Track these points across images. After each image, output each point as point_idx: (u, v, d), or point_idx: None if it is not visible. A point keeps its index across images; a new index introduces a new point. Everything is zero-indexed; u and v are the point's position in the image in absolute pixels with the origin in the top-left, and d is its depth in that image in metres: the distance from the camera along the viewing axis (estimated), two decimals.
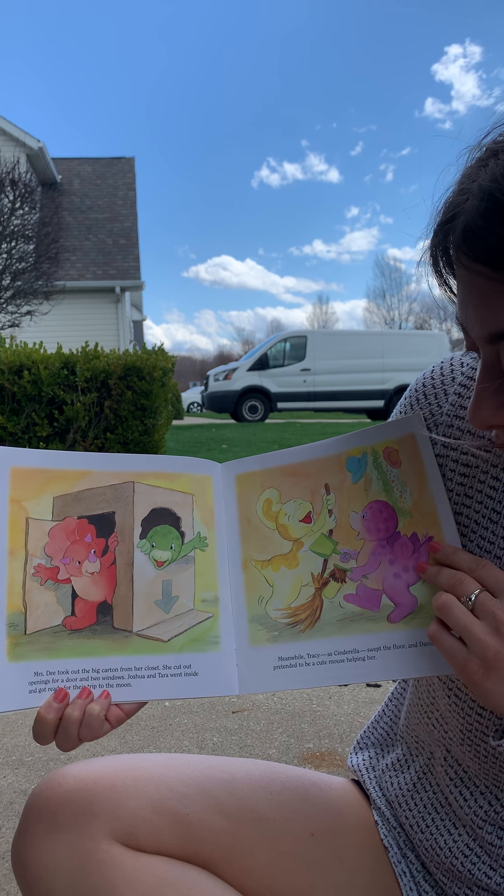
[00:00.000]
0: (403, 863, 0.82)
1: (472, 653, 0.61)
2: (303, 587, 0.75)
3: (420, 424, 0.75)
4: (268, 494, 0.79)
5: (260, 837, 0.77)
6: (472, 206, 0.54)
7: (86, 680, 0.71)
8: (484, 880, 0.74)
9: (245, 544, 0.78)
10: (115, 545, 0.76)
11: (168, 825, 0.74)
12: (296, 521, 0.77)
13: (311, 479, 0.78)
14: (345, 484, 0.77)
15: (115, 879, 0.70)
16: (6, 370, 5.76)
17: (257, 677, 0.73)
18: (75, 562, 0.74)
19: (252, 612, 0.75)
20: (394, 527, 0.74)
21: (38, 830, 0.72)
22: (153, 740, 1.89)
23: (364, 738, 0.95)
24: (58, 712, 0.69)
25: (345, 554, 0.75)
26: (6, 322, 12.38)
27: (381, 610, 0.72)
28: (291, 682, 0.72)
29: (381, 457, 0.76)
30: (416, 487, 0.74)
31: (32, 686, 0.70)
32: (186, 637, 0.74)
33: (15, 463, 0.75)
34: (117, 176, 20.30)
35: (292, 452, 0.80)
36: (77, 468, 0.77)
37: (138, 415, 6.11)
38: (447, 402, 0.77)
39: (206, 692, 0.73)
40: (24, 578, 0.72)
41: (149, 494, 0.77)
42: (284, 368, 14.72)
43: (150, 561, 0.76)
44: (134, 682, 0.72)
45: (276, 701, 2.12)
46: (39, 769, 1.76)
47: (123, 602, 0.74)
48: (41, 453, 0.77)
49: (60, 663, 0.71)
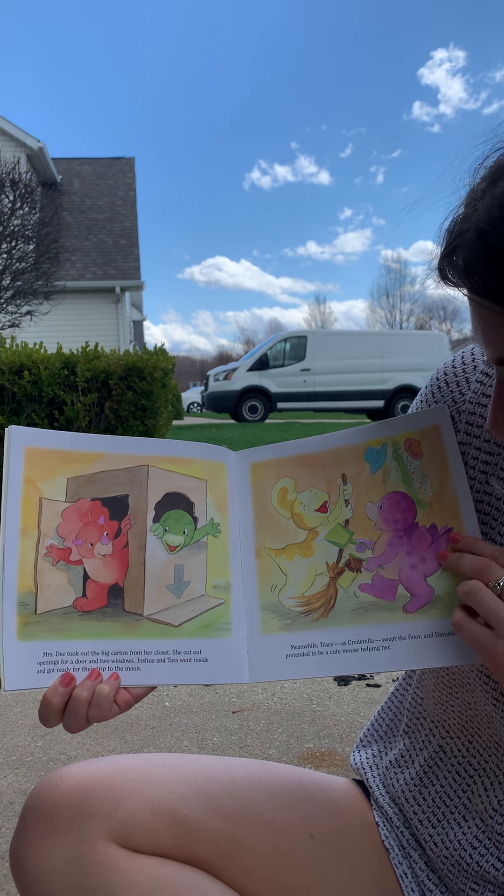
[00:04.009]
0: (405, 863, 0.82)
1: (499, 637, 0.62)
2: (317, 576, 0.75)
3: (445, 416, 0.76)
4: (283, 483, 0.79)
5: (259, 838, 0.77)
6: (470, 242, 0.55)
7: (95, 662, 0.71)
8: (492, 872, 0.74)
9: (259, 532, 0.78)
10: (127, 528, 0.75)
11: (166, 826, 0.74)
12: (311, 510, 0.77)
13: (328, 469, 0.78)
14: (362, 474, 0.77)
15: (112, 881, 0.69)
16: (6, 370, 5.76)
17: (268, 665, 0.73)
18: (88, 543, 0.74)
19: (264, 600, 0.75)
20: (412, 518, 0.74)
21: (35, 832, 0.72)
22: (153, 740, 1.89)
23: (367, 735, 0.95)
24: (63, 696, 0.68)
25: (361, 544, 0.75)
26: (6, 322, 12.38)
27: (396, 600, 0.72)
28: (304, 670, 0.72)
29: (401, 448, 0.76)
30: (437, 479, 0.74)
31: (41, 666, 0.69)
32: (197, 623, 0.74)
33: (30, 443, 0.75)
34: (117, 176, 20.31)
35: (309, 442, 0.79)
36: (92, 450, 0.76)
37: (139, 415, 6.11)
38: (469, 390, 0.77)
39: (215, 679, 0.73)
40: (36, 558, 0.72)
41: (163, 479, 0.77)
42: (284, 368, 14.72)
43: (163, 545, 0.76)
44: (143, 665, 0.71)
45: (276, 701, 2.11)
46: (39, 769, 1.75)
47: (135, 585, 0.74)
48: (57, 434, 0.77)
49: (70, 644, 0.71)
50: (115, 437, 0.78)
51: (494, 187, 0.55)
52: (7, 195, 11.72)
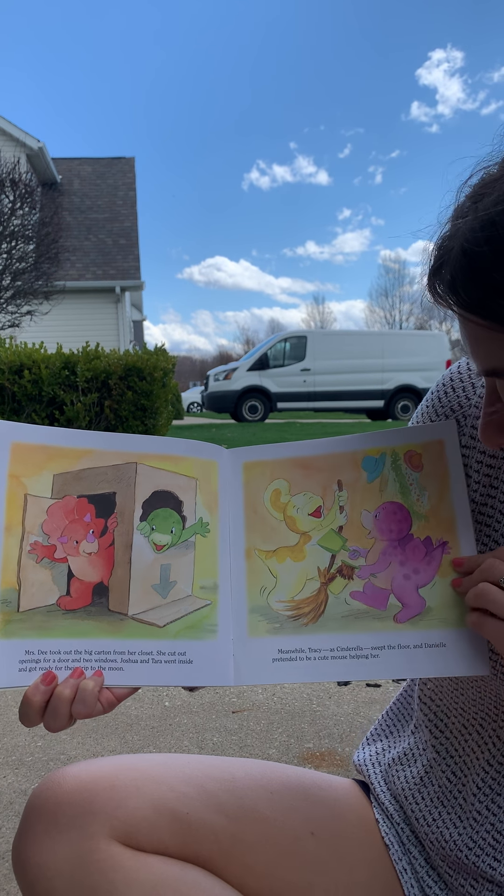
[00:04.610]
0: (405, 859, 0.82)
1: None
2: (308, 581, 0.74)
3: (452, 432, 0.76)
4: (277, 485, 0.78)
5: (260, 836, 0.78)
6: (456, 259, 0.57)
7: (77, 661, 0.70)
8: (489, 872, 0.75)
9: (249, 533, 0.77)
10: (114, 526, 0.74)
11: (168, 824, 0.74)
12: (305, 513, 0.76)
13: (324, 474, 0.77)
14: (359, 482, 0.76)
15: (114, 879, 0.70)
16: (6, 370, 5.76)
17: (254, 668, 0.72)
18: (73, 541, 0.73)
19: (253, 603, 0.74)
20: (407, 529, 0.74)
21: (37, 831, 0.72)
22: (153, 740, 1.89)
23: (374, 733, 0.95)
24: (44, 695, 0.68)
25: (354, 551, 0.74)
26: (6, 322, 12.38)
27: (387, 609, 0.72)
28: (290, 675, 0.71)
29: (401, 459, 0.76)
30: (435, 492, 0.74)
31: (23, 665, 0.69)
32: (182, 623, 0.73)
33: (16, 438, 0.74)
34: (117, 176, 20.31)
35: (305, 445, 0.79)
36: (79, 446, 0.75)
37: (139, 415, 6.11)
38: (475, 395, 0.78)
39: (200, 681, 0.72)
40: (20, 555, 0.71)
41: (151, 476, 0.76)
42: (284, 368, 14.73)
43: (150, 544, 0.74)
44: (126, 666, 0.71)
45: (276, 701, 2.12)
46: (39, 769, 1.76)
47: (120, 584, 0.73)
48: (44, 430, 0.75)
49: (53, 643, 0.70)
50: (104, 433, 0.77)
51: (478, 206, 0.57)
52: (7, 195, 11.72)
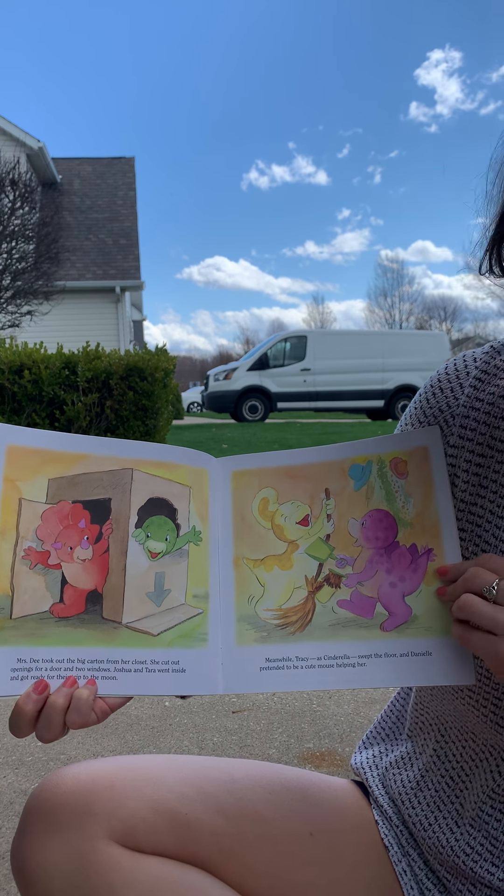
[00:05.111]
0: (404, 861, 0.82)
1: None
2: (295, 589, 0.74)
3: (436, 438, 0.76)
4: (264, 493, 0.78)
5: (259, 837, 0.78)
6: None
7: (70, 670, 0.69)
8: (487, 877, 0.75)
9: (238, 542, 0.77)
10: (109, 533, 0.73)
11: (167, 825, 0.74)
12: (292, 522, 0.77)
13: (312, 483, 0.77)
14: (346, 490, 0.76)
15: (113, 880, 0.70)
16: (6, 370, 5.76)
17: (242, 677, 0.72)
18: (67, 547, 0.72)
19: (241, 611, 0.74)
20: (393, 536, 0.74)
21: (37, 831, 0.72)
22: (153, 740, 1.89)
23: (370, 737, 0.95)
24: (37, 704, 0.67)
25: (341, 559, 0.75)
26: (6, 322, 12.38)
27: (374, 618, 0.72)
28: (278, 683, 0.72)
29: (386, 466, 0.76)
30: (420, 499, 0.74)
31: (14, 673, 0.68)
32: (176, 632, 0.72)
33: (12, 441, 0.73)
34: (117, 176, 20.31)
35: (293, 454, 0.79)
36: (75, 451, 0.74)
37: (139, 415, 6.11)
38: (463, 395, 0.78)
39: (191, 690, 0.72)
40: (13, 561, 0.70)
41: (147, 483, 0.75)
42: (284, 368, 14.73)
43: (145, 552, 0.74)
44: (120, 675, 0.70)
45: (276, 701, 2.12)
46: (39, 769, 1.76)
47: (114, 592, 0.72)
48: (40, 433, 0.74)
49: (45, 651, 0.69)
50: (100, 438, 0.76)
51: None
52: (7, 195, 11.72)
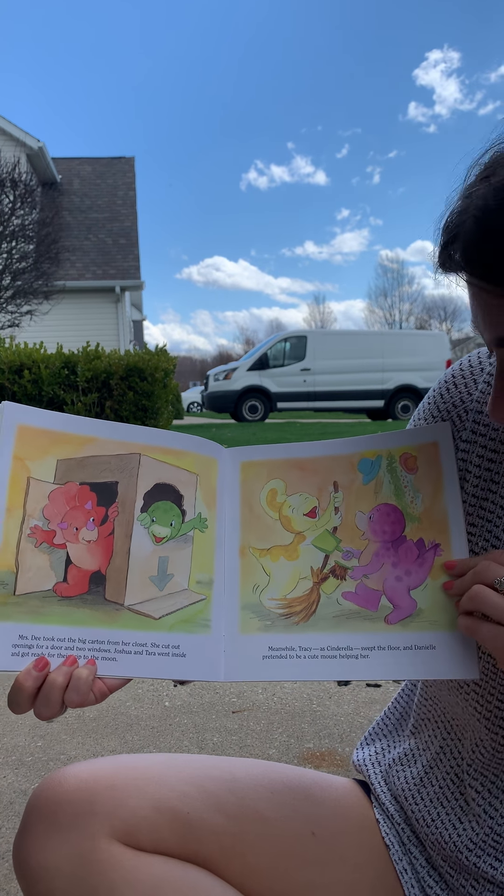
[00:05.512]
0: (406, 860, 0.82)
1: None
2: (301, 580, 0.75)
3: (447, 434, 0.76)
4: (273, 484, 0.79)
5: (261, 836, 0.78)
6: (468, 228, 0.58)
7: (71, 649, 0.69)
8: (490, 872, 0.75)
9: (244, 531, 0.78)
10: (114, 515, 0.74)
11: (168, 824, 0.74)
12: (300, 514, 0.77)
13: (320, 475, 0.78)
14: (354, 483, 0.77)
15: (115, 879, 0.70)
16: (6, 370, 5.76)
17: (244, 665, 0.72)
18: (73, 528, 0.73)
19: (245, 600, 0.75)
20: (400, 530, 0.75)
21: (38, 830, 0.72)
22: (153, 740, 1.89)
23: (372, 733, 0.95)
24: (36, 681, 0.67)
25: (347, 552, 0.75)
26: (6, 322, 12.38)
27: (379, 610, 0.72)
28: (280, 673, 0.72)
29: (396, 461, 0.77)
30: (429, 495, 0.75)
31: (15, 649, 0.68)
32: (178, 617, 0.73)
33: (23, 421, 0.73)
34: (117, 176, 20.31)
35: (303, 447, 0.80)
36: (85, 433, 0.75)
37: (139, 415, 6.11)
38: (477, 390, 0.79)
39: (191, 675, 0.72)
40: (20, 538, 0.70)
41: (154, 468, 0.76)
42: (284, 368, 14.73)
43: (149, 536, 0.75)
44: (120, 656, 0.70)
45: (276, 701, 2.12)
46: (39, 769, 1.76)
47: (117, 574, 0.73)
48: (51, 415, 0.75)
49: (47, 629, 0.69)
50: (110, 422, 0.77)
51: (491, 179, 0.58)
52: (7, 195, 11.72)
